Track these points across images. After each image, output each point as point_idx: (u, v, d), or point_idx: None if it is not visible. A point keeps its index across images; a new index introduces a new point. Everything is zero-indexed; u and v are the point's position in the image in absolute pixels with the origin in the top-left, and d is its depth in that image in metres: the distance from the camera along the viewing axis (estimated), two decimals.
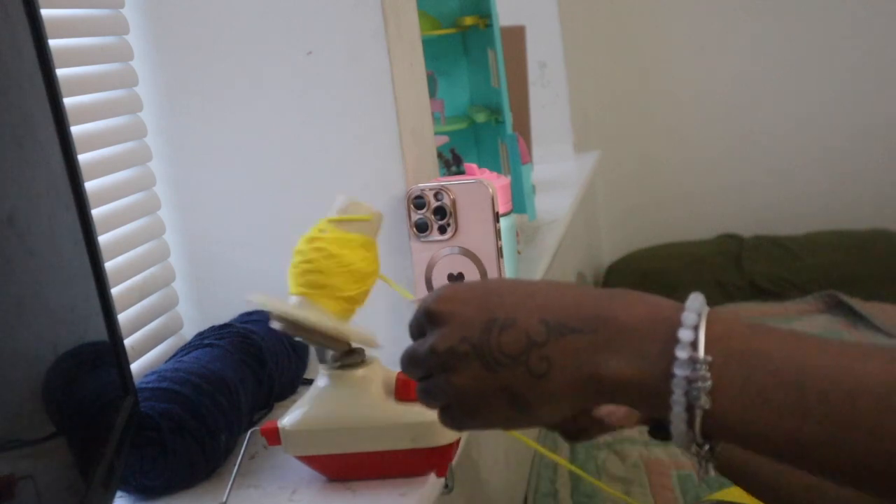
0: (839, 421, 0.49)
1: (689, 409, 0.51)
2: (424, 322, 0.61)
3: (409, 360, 0.62)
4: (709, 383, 0.50)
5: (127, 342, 0.89)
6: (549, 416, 0.58)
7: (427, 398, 0.61)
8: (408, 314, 0.99)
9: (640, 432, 1.74)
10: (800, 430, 0.49)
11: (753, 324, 0.53)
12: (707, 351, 0.51)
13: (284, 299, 0.77)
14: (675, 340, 0.52)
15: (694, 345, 0.51)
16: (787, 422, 0.50)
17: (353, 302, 0.77)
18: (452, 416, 0.60)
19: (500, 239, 0.98)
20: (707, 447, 0.53)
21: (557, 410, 0.57)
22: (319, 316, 0.75)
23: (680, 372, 0.51)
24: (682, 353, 0.51)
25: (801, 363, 0.50)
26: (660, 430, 0.82)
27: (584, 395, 0.55)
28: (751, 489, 0.85)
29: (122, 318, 0.93)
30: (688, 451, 0.54)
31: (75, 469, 0.64)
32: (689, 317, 0.52)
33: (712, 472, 0.56)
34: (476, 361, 0.57)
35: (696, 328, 0.52)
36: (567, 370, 0.55)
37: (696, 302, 0.53)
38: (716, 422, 0.51)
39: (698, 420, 0.51)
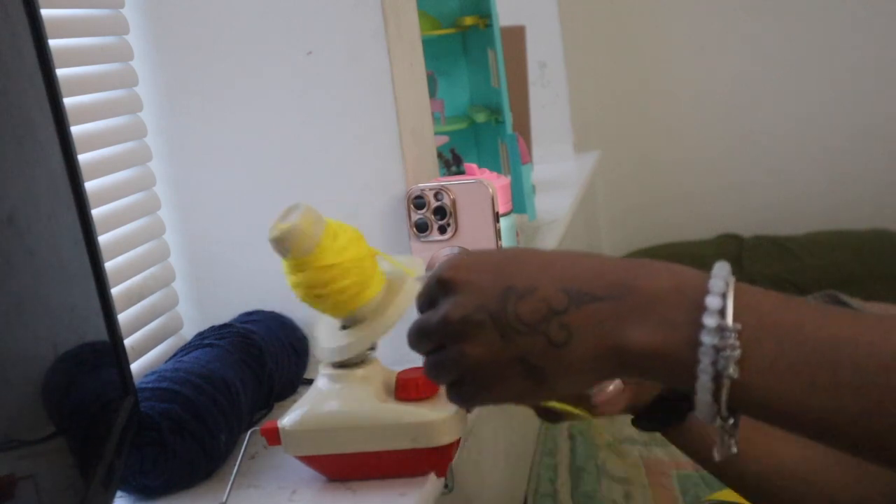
0: (874, 394, 0.47)
1: (716, 379, 0.49)
2: (436, 291, 0.58)
3: (419, 332, 0.59)
4: (738, 352, 0.49)
5: (127, 342, 0.89)
6: (566, 389, 0.56)
7: (437, 372, 0.59)
8: (408, 314, 0.99)
9: (639, 433, 1.74)
10: (832, 403, 0.48)
11: (784, 295, 0.52)
12: (736, 319, 0.49)
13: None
14: (702, 308, 0.50)
15: (722, 312, 0.49)
16: (820, 395, 0.48)
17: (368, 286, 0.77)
18: (463, 391, 0.58)
19: (500, 239, 0.98)
20: (731, 421, 0.51)
21: (575, 382, 0.55)
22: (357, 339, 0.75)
23: (708, 340, 0.49)
24: (710, 321, 0.49)
25: (834, 334, 0.49)
26: (644, 420, 0.81)
27: (606, 365, 0.53)
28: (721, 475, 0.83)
29: (122, 318, 0.93)
30: (710, 425, 0.52)
31: (75, 469, 0.64)
32: (716, 284, 0.50)
33: (734, 449, 0.53)
34: (492, 331, 0.55)
35: (723, 295, 0.50)
36: (589, 340, 0.53)
37: (723, 270, 0.51)
38: (743, 394, 0.49)
39: (725, 391, 0.49)
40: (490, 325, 0.55)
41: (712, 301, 0.50)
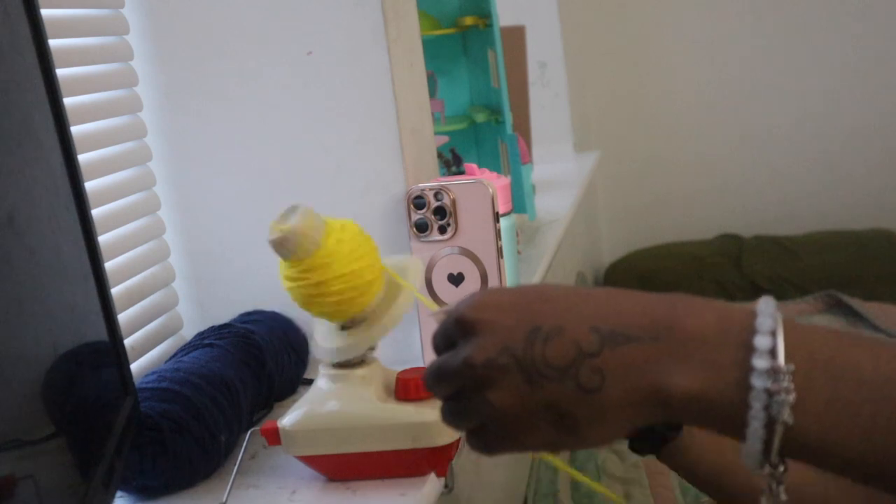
0: None
1: (769, 425, 0.46)
2: (455, 332, 0.54)
3: (438, 375, 0.55)
4: (792, 396, 0.45)
5: (127, 342, 0.89)
6: (599, 438, 0.51)
7: (457, 419, 0.54)
8: (409, 315, 0.99)
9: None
10: (894, 446, 0.45)
11: (835, 330, 0.48)
12: (788, 360, 0.46)
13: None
14: (751, 349, 0.47)
15: (773, 353, 0.46)
16: (880, 439, 0.45)
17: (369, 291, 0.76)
18: (486, 439, 0.54)
19: (500, 239, 0.98)
20: (782, 468, 0.48)
21: (609, 430, 0.51)
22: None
23: (759, 383, 0.46)
24: (760, 363, 0.46)
25: (893, 373, 0.45)
26: (639, 444, 0.80)
27: (644, 412, 0.49)
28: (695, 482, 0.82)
29: (122, 318, 0.93)
30: (758, 472, 0.48)
31: (75, 469, 0.64)
32: (764, 322, 0.47)
33: (784, 497, 0.49)
34: (518, 375, 0.50)
35: (773, 334, 0.46)
36: (624, 384, 0.49)
37: (769, 306, 0.48)
38: (796, 440, 0.46)
39: (778, 438, 0.46)
40: (515, 369, 0.51)
41: (762, 341, 0.46)
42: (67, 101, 0.74)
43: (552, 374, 0.50)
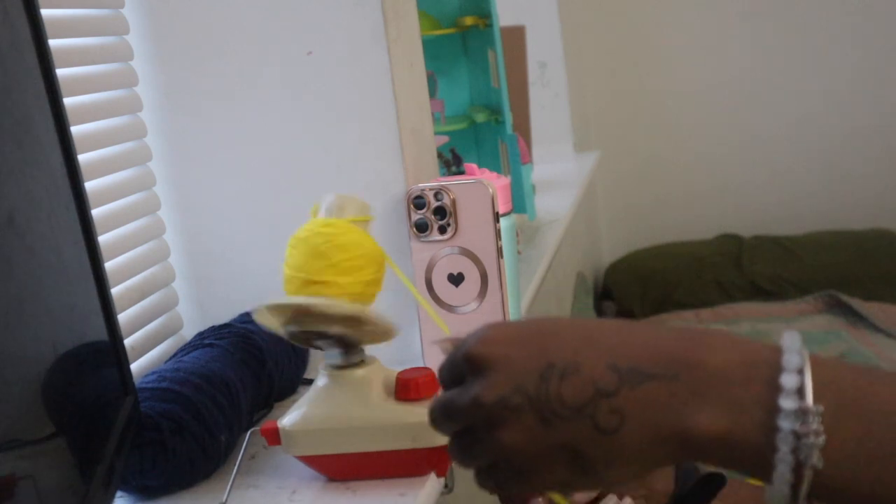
0: None
1: (796, 469, 0.44)
2: (464, 368, 0.52)
3: (445, 412, 0.53)
4: (822, 438, 0.44)
5: (127, 342, 0.89)
6: (616, 478, 0.50)
7: (465, 457, 0.53)
8: (409, 315, 0.99)
9: None
10: None
11: (862, 367, 0.47)
12: (816, 400, 0.44)
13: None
14: (776, 388, 0.45)
15: (801, 392, 0.44)
16: None
17: (361, 296, 0.76)
18: (496, 478, 0.52)
19: (500, 239, 0.98)
20: None
21: (628, 472, 0.49)
22: (331, 301, 0.72)
23: (787, 425, 0.44)
24: (788, 403, 0.44)
25: None
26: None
27: (665, 453, 0.48)
28: None
29: (122, 318, 0.93)
30: None
31: (75, 469, 0.64)
32: (791, 359, 0.45)
33: None
34: (531, 415, 0.48)
35: (800, 372, 0.45)
36: (644, 425, 0.47)
37: (795, 342, 0.46)
38: (825, 483, 0.44)
39: (807, 482, 0.44)
40: (528, 408, 0.49)
41: (789, 380, 0.45)
42: (67, 101, 0.74)
43: (568, 414, 0.48)
